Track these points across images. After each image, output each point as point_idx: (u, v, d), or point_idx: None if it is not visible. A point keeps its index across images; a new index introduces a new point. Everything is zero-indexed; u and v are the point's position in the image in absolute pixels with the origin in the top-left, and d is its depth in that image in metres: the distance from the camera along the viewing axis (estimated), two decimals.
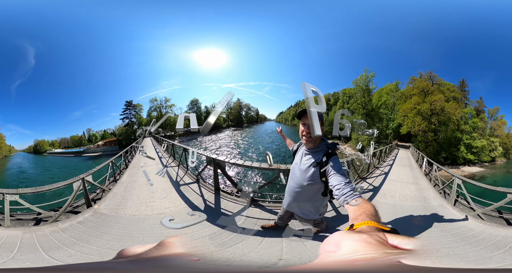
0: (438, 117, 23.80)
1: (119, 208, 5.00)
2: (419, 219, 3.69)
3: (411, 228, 3.33)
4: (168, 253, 0.49)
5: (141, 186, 6.51)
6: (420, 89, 24.87)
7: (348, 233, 0.51)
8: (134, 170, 9.07)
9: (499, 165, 25.09)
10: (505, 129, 26.43)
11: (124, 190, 6.36)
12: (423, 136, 24.02)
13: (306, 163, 1.96)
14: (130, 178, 7.76)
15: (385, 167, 9.56)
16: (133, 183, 7.02)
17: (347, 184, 1.45)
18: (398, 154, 15.62)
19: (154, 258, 0.47)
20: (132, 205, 5.11)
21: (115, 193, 6.10)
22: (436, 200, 5.18)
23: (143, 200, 5.37)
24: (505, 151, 25.66)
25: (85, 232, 3.97)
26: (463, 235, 3.25)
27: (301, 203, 2.25)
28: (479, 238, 3.11)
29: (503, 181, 21.70)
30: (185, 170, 7.82)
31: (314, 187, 1.99)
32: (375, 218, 0.91)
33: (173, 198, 5.28)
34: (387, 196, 5.26)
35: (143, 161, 10.72)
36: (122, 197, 5.72)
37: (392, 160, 12.08)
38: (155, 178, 6.79)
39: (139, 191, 6.13)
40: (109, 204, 5.32)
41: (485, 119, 26.24)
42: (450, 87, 25.25)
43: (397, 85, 27.81)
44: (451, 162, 23.99)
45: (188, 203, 4.93)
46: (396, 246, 0.48)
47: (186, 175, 7.11)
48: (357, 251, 0.43)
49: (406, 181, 7.07)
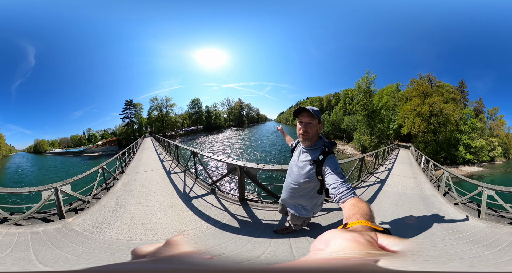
0: (437, 118, 24.84)
1: (101, 227, 3.90)
2: (413, 218, 4.08)
3: (411, 212, 4.47)
4: (180, 251, 0.49)
5: (138, 199, 5.19)
6: (420, 91, 25.87)
7: (340, 231, 0.52)
8: (132, 176, 7.76)
9: (499, 165, 25.87)
10: (504, 129, 27.45)
11: (115, 202, 5.13)
12: (423, 137, 25.05)
13: (303, 161, 2.02)
14: (125, 186, 6.43)
15: (388, 164, 10.99)
16: (128, 194, 5.68)
17: (343, 183, 1.49)
18: (399, 153, 16.77)
19: (170, 258, 0.46)
20: (120, 224, 3.94)
21: (102, 206, 4.96)
22: (430, 191, 6.48)
23: (138, 218, 4.16)
24: (504, 151, 26.54)
25: (24, 245, 3.23)
26: (462, 234, 3.58)
27: (296, 199, 2.30)
28: (477, 237, 3.40)
29: (500, 180, 22.48)
30: (192, 177, 6.59)
31: (310, 184, 2.06)
32: (369, 217, 0.94)
33: (183, 216, 4.13)
34: (392, 186, 6.51)
35: (143, 165, 9.74)
36: (110, 212, 4.56)
37: (394, 159, 13.37)
38: (156, 189, 5.85)
39: (134, 205, 4.85)
40: (88, 220, 4.25)
41: (484, 120, 27.21)
42: (449, 89, 26.31)
43: (397, 87, 28.92)
44: (450, 162, 24.95)
45: (208, 221, 3.86)
46: (383, 247, 0.48)
47: (197, 185, 5.91)
48: (342, 250, 0.45)
49: (406, 176, 8.53)
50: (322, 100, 42.54)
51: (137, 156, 12.98)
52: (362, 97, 29.61)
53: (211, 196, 5.04)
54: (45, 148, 37.75)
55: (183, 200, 4.90)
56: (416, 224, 3.84)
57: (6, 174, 28.60)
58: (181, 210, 4.42)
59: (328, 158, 1.79)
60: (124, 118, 38.70)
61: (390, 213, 4.32)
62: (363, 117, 29.81)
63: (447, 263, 0.38)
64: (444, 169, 6.24)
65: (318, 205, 2.33)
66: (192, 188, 5.70)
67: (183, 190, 5.71)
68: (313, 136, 1.91)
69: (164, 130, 39.29)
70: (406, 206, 4.86)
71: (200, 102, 43.43)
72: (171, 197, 5.16)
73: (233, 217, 3.95)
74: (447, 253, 2.86)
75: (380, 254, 0.44)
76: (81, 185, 5.92)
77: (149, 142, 23.53)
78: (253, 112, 54.16)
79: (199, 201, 4.81)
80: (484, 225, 3.85)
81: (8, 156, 34.51)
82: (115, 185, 6.67)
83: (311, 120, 1.87)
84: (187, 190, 5.66)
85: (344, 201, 1.32)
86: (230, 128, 47.41)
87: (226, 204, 4.52)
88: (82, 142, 39.35)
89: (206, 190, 5.49)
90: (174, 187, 5.90)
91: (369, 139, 29.35)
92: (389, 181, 7.13)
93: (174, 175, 7.23)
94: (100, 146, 37.49)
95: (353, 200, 1.26)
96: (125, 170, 8.91)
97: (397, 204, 4.92)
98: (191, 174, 7.00)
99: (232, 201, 4.68)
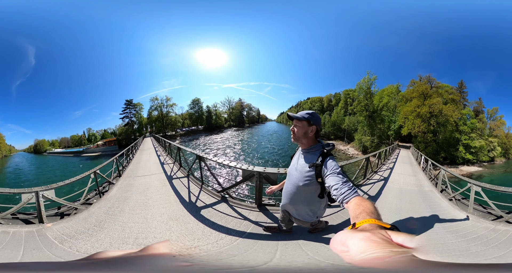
0: (437, 119, 25.48)
1: (77, 237, 3.54)
2: (415, 223, 4.30)
3: (411, 204, 5.13)
4: (150, 253, 0.45)
5: (134, 209, 4.65)
6: (420, 93, 26.49)
7: (352, 232, 0.54)
8: (129, 180, 7.16)
9: (498, 165, 26.37)
10: (504, 129, 27.98)
11: (106, 211, 4.65)
12: (423, 137, 25.71)
13: (302, 164, 2.03)
14: (121, 193, 5.89)
15: (390, 163, 11.73)
16: (123, 202, 5.15)
17: (344, 184, 1.49)
18: (400, 153, 17.44)
19: (133, 259, 0.42)
20: (105, 237, 3.52)
21: (91, 214, 4.53)
22: (428, 187, 7.19)
23: (131, 231, 3.70)
24: (504, 151, 27.08)
25: None
26: (448, 224, 4.03)
27: (297, 205, 2.29)
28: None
29: (499, 180, 22.88)
30: (197, 183, 6.09)
31: (310, 187, 2.05)
32: (375, 215, 0.95)
33: (193, 230, 3.67)
34: (394, 183, 7.25)
35: (142, 168, 9.17)
36: (97, 222, 4.13)
37: (395, 158, 14.07)
38: (156, 197, 5.28)
39: (129, 216, 4.34)
40: (68, 227, 3.90)
41: (483, 120, 27.78)
42: (449, 89, 26.96)
43: (398, 88, 29.55)
44: (450, 162, 25.50)
45: (230, 232, 3.53)
46: (400, 244, 0.50)
47: (204, 192, 5.41)
48: (365, 250, 0.46)
49: (407, 174, 9.27)
50: (322, 100, 43.17)
51: (136, 158, 12.58)
52: (363, 98, 30.22)
53: (222, 204, 4.65)
54: (45, 148, 38.06)
55: (190, 211, 4.36)
56: (418, 224, 4.20)
57: (5, 174, 28.97)
58: (189, 222, 3.91)
59: (327, 160, 1.82)
60: (124, 117, 38.97)
61: (394, 205, 5.10)
62: (364, 117, 30.48)
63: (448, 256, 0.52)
64: (441, 167, 6.89)
65: (321, 209, 2.33)
66: (198, 196, 5.17)
67: (188, 198, 5.15)
68: (300, 136, 2.01)
69: (165, 130, 39.55)
70: (407, 199, 5.56)
71: (200, 102, 43.82)
72: (175, 208, 4.58)
73: (256, 225, 3.75)
74: (429, 238, 3.43)
75: (403, 251, 0.45)
76: (78, 187, 5.70)
77: (149, 142, 23.43)
78: (254, 112, 54.73)
79: (209, 212, 4.35)
80: (469, 219, 4.43)
81: (8, 156, 34.79)
82: (110, 191, 6.17)
83: (297, 123, 2.04)
84: (193, 198, 5.13)
85: (348, 201, 1.34)
86: (231, 128, 47.86)
87: (244, 212, 4.25)
88: (82, 142, 39.58)
89: (215, 198, 5.01)
90: (177, 195, 5.33)
91: (370, 139, 30.03)
92: (391, 178, 7.83)
93: (177, 181, 6.64)
94: (100, 146, 37.87)
95: (356, 200, 1.27)
96: (123, 173, 8.39)
97: (400, 198, 5.64)
98: (195, 180, 6.49)
99: (249, 208, 4.42)
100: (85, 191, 5.60)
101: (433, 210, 4.92)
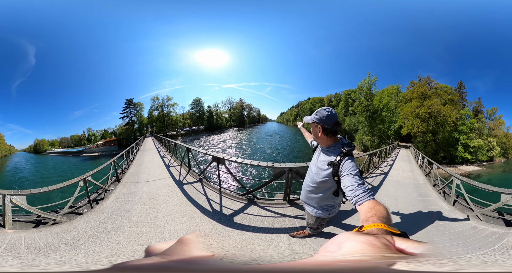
0: (435, 119, 26.46)
1: (26, 254, 2.99)
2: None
3: (406, 194, 6.13)
4: (195, 254, 0.47)
5: (137, 226, 3.82)
6: (419, 94, 27.47)
7: (354, 234, 0.52)
8: (130, 187, 6.29)
9: (497, 165, 27.14)
10: (503, 129, 28.79)
11: (95, 227, 3.86)
12: (422, 137, 26.72)
13: (321, 161, 2.10)
14: (119, 203, 5.00)
15: (390, 161, 12.85)
16: (121, 216, 4.24)
17: (360, 186, 1.50)
18: (400, 152, 18.48)
19: (186, 261, 0.44)
20: (68, 262, 2.44)
21: (71, 228, 3.85)
22: (423, 181, 8.30)
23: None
24: (503, 150, 27.96)
25: None
26: (433, 212, 4.65)
27: (313, 199, 2.37)
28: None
29: (498, 179, 23.81)
30: (213, 187, 5.52)
31: (326, 185, 2.12)
32: (386, 220, 0.92)
33: (238, 241, 3.30)
34: (393, 177, 8.38)
35: (145, 171, 8.26)
36: (73, 241, 3.34)
37: (395, 157, 15.13)
38: (169, 210, 4.39)
39: (129, 235, 3.48)
40: (30, 238, 3.36)
41: (482, 120, 28.69)
42: (448, 90, 27.85)
43: (398, 89, 30.55)
44: (449, 161, 26.42)
45: (274, 232, 3.36)
46: (401, 250, 0.48)
47: (226, 198, 4.86)
48: (354, 253, 0.45)
49: (405, 170, 10.46)
50: (323, 100, 44.20)
51: (137, 159, 11.56)
52: (364, 98, 31.21)
53: (252, 207, 4.26)
54: (45, 147, 38.49)
55: (221, 222, 3.79)
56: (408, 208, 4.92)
57: (4, 173, 29.54)
58: (230, 235, 3.41)
59: (346, 160, 1.83)
60: (125, 117, 39.60)
61: (392, 193, 6.16)
62: (365, 118, 31.48)
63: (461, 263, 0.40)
64: (434, 163, 7.92)
65: (335, 207, 2.39)
66: (222, 203, 4.54)
67: (210, 207, 4.42)
68: (315, 138, 2.11)
69: (165, 130, 40.19)
70: (403, 190, 6.62)
71: (202, 101, 44.57)
72: (199, 221, 3.87)
73: (295, 218, 3.76)
74: (410, 221, 4.20)
75: (397, 257, 0.44)
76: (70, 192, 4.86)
77: (150, 142, 23.41)
78: (254, 113, 55.60)
79: (243, 218, 3.90)
80: (448, 209, 5.22)
81: (8, 155, 35.21)
82: (106, 200, 5.27)
83: (310, 124, 2.16)
84: (216, 206, 4.43)
85: (361, 204, 1.34)
86: (232, 128, 48.70)
87: (278, 210, 4.07)
88: (82, 142, 39.93)
89: (241, 202, 4.55)
90: (195, 205, 4.54)
91: (370, 139, 31.06)
92: (391, 173, 8.94)
93: (188, 187, 5.75)
94: (99, 146, 38.48)
95: (370, 203, 1.26)
96: (122, 178, 7.41)
97: (397, 189, 6.72)
98: (208, 183, 5.89)
99: (279, 205, 4.27)
100: (71, 200, 4.68)
101: (423, 199, 5.94)
